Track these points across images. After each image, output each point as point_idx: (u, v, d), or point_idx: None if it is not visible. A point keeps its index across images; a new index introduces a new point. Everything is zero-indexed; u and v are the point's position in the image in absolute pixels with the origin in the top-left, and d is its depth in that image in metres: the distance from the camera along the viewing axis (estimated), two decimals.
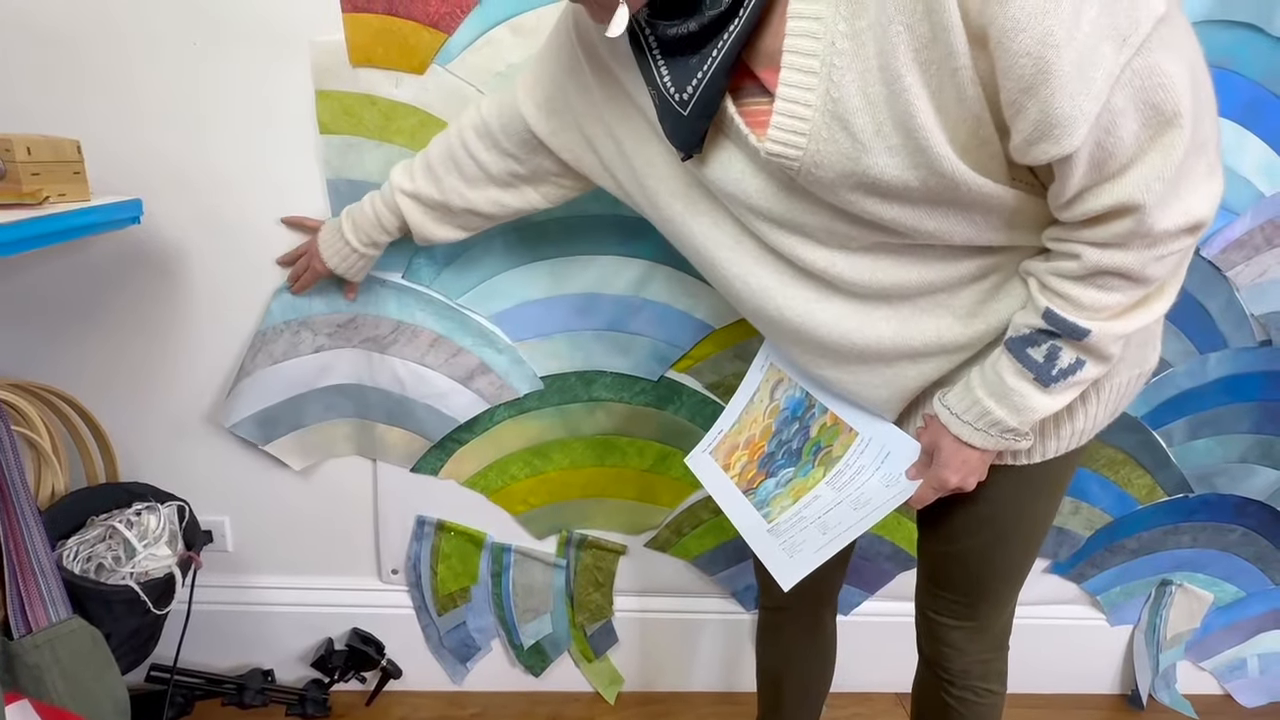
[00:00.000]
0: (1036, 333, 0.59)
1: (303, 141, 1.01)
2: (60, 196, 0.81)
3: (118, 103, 0.98)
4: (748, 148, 0.60)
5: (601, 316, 1.12)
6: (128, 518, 0.94)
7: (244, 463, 1.18)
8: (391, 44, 0.96)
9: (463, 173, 0.85)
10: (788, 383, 0.83)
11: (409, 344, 1.10)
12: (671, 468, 1.21)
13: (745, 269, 0.67)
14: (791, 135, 0.55)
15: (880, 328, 0.64)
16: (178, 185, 1.02)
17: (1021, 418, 0.61)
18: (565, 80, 0.75)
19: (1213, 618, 1.39)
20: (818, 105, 0.53)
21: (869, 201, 0.56)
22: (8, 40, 0.95)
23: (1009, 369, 0.61)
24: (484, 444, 1.19)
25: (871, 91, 0.51)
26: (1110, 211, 0.52)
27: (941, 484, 0.66)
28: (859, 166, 0.54)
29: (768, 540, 0.76)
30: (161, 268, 1.07)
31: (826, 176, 0.56)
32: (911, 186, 0.54)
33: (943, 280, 0.61)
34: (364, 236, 0.93)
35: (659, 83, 0.60)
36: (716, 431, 0.90)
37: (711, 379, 1.16)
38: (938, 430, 0.66)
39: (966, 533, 0.75)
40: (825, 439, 0.77)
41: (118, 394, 1.12)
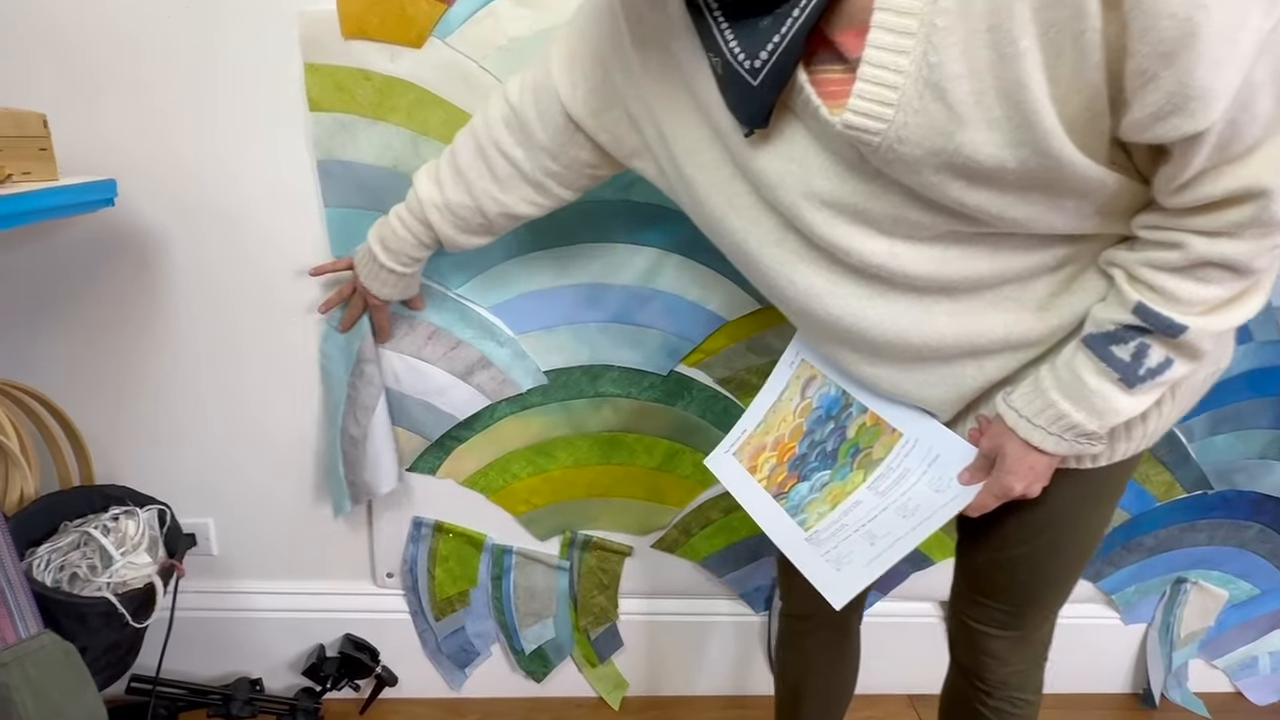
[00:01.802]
0: (1123, 329, 0.54)
1: (291, 119, 0.94)
2: (25, 175, 0.74)
3: (87, 77, 0.91)
4: (817, 122, 0.54)
5: (608, 308, 1.06)
6: (104, 523, 0.88)
7: (228, 462, 1.12)
8: (387, 14, 0.90)
9: (495, 174, 0.78)
10: (821, 379, 0.77)
11: (405, 337, 1.04)
12: (680, 466, 1.16)
13: (790, 268, 0.62)
14: (876, 106, 0.49)
15: (940, 324, 0.59)
16: (154, 166, 0.95)
17: (1102, 421, 0.57)
18: (606, 53, 0.68)
19: (1226, 615, 1.37)
20: (911, 71, 0.47)
21: (953, 185, 0.51)
22: None
23: (1089, 368, 0.56)
24: (484, 442, 1.13)
25: (976, 56, 0.46)
26: (1230, 197, 0.48)
27: (1006, 491, 0.61)
28: (951, 143, 0.48)
29: (807, 551, 0.70)
30: (137, 254, 1.00)
31: (910, 154, 0.50)
32: (1007, 168, 0.49)
33: (1015, 271, 0.56)
34: (402, 258, 0.87)
35: (724, 49, 0.54)
36: (740, 431, 0.84)
37: (723, 373, 1.11)
38: (1002, 434, 0.61)
39: (1019, 540, 0.70)
40: (864, 440, 0.71)
41: (91, 390, 1.05)
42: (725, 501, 1.18)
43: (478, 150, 0.78)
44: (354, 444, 1.06)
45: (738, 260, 0.69)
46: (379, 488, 1.09)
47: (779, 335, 1.09)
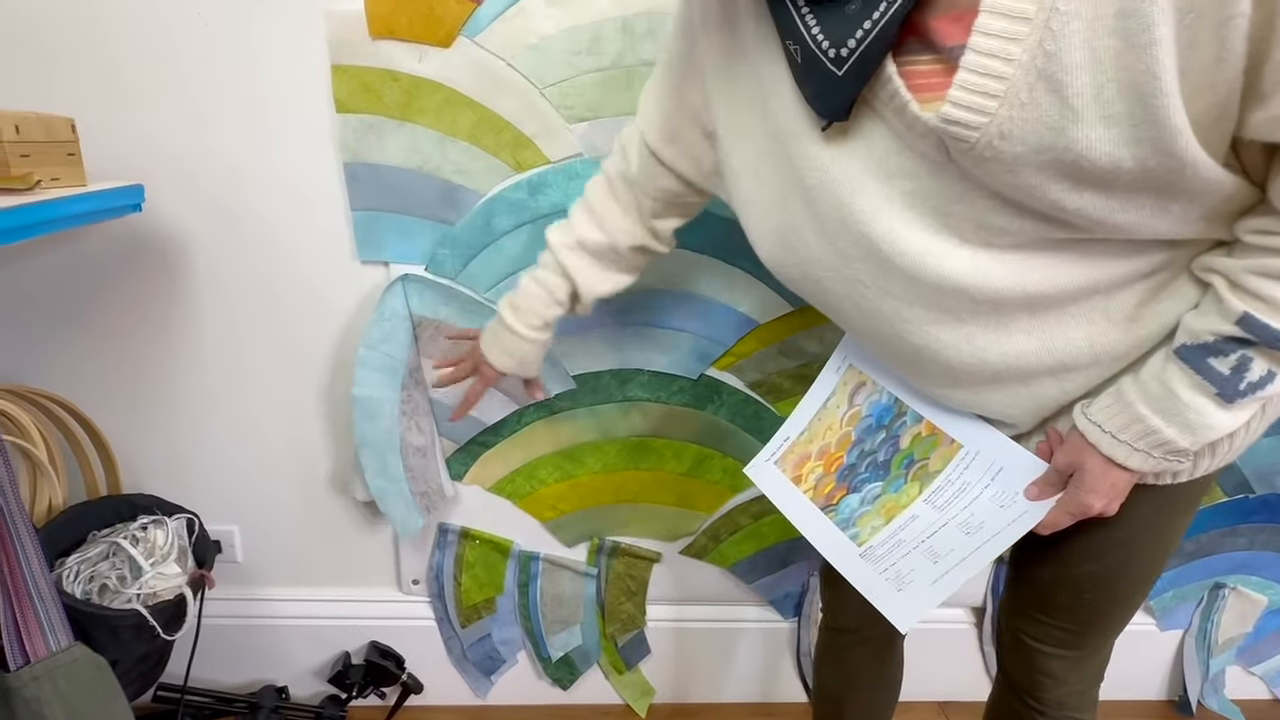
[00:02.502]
0: (1224, 340, 0.51)
1: (318, 121, 0.93)
2: (53, 181, 0.73)
3: (114, 81, 0.90)
4: (902, 118, 0.50)
5: (638, 311, 1.04)
6: (132, 533, 0.87)
7: (253, 469, 1.11)
8: (415, 14, 0.88)
9: (621, 205, 0.76)
10: (871, 386, 0.74)
11: (431, 341, 1.03)
12: (709, 471, 1.14)
13: (858, 292, 0.58)
14: (980, 98, 0.45)
15: (1020, 342, 0.55)
16: (181, 170, 0.94)
17: (1196, 437, 0.53)
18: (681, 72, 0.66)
19: (1265, 621, 1.34)
20: (1023, 61, 0.43)
21: (1055, 186, 0.46)
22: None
23: (1183, 381, 0.52)
24: (512, 447, 1.11)
25: (1101, 45, 0.42)
26: None
27: (1084, 510, 0.58)
28: (1062, 140, 0.44)
29: (862, 568, 0.67)
30: (164, 260, 0.98)
31: (1011, 152, 0.46)
32: (1122, 168, 0.45)
33: (1103, 281, 0.53)
34: (533, 319, 0.79)
35: (805, 36, 0.50)
36: (782, 438, 0.80)
37: (754, 377, 1.09)
38: (1081, 449, 0.58)
39: (1089, 557, 0.66)
40: (920, 451, 0.68)
41: (117, 398, 1.04)
42: (755, 507, 1.16)
43: (607, 186, 0.77)
44: (420, 454, 1.05)
45: (804, 290, 0.64)
46: (447, 490, 1.10)
47: (811, 338, 1.06)
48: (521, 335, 0.80)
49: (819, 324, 1.05)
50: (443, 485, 1.10)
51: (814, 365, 1.08)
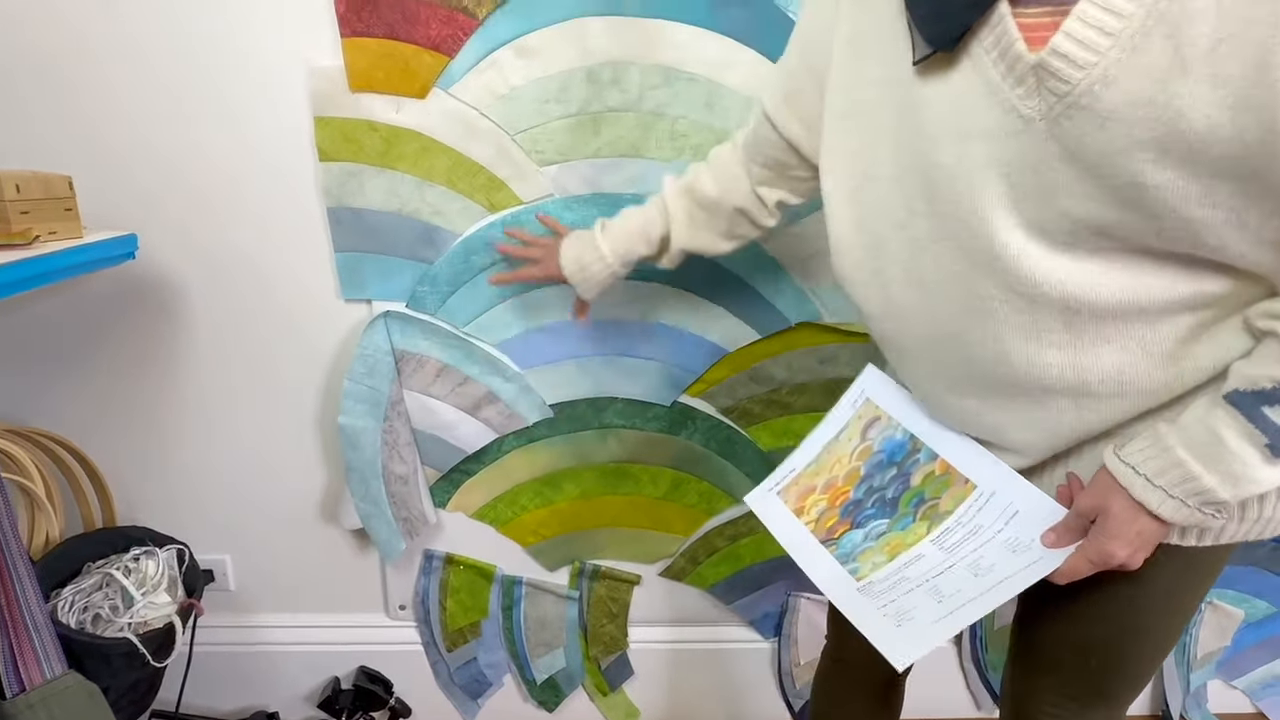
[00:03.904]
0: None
1: (302, 169, 0.98)
2: (51, 234, 0.78)
3: (110, 132, 0.96)
4: (1005, 57, 0.47)
5: (612, 342, 1.08)
6: (125, 564, 0.91)
7: (245, 499, 1.15)
8: (392, 68, 0.94)
9: (734, 167, 0.77)
10: (886, 421, 0.71)
11: (414, 374, 1.07)
12: (685, 495, 1.18)
13: (911, 255, 0.57)
14: (1095, 34, 0.43)
15: (1048, 355, 0.53)
16: (173, 217, 0.99)
17: (1237, 490, 0.50)
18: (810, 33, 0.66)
19: (1243, 634, 1.35)
20: (1143, 6, 0.42)
21: (1141, 155, 0.44)
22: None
23: (1233, 429, 0.49)
24: (493, 474, 1.15)
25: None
26: None
27: (1105, 559, 0.54)
28: (1164, 93, 0.42)
29: (860, 602, 0.63)
30: (158, 301, 1.04)
31: (1110, 102, 0.44)
32: (1218, 136, 0.42)
33: (1149, 305, 0.50)
34: (619, 246, 0.81)
35: None
36: (788, 469, 0.77)
37: (726, 403, 1.13)
38: (1109, 491, 0.54)
39: (1101, 618, 0.62)
40: (931, 490, 0.65)
41: (113, 433, 1.09)
42: (731, 530, 1.19)
43: (731, 148, 0.78)
44: (403, 481, 1.09)
45: (849, 267, 0.63)
46: (430, 517, 1.13)
47: (779, 365, 1.10)
48: (601, 254, 0.82)
49: (786, 351, 1.09)
50: (425, 511, 1.13)
51: (783, 390, 1.12)
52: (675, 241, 0.80)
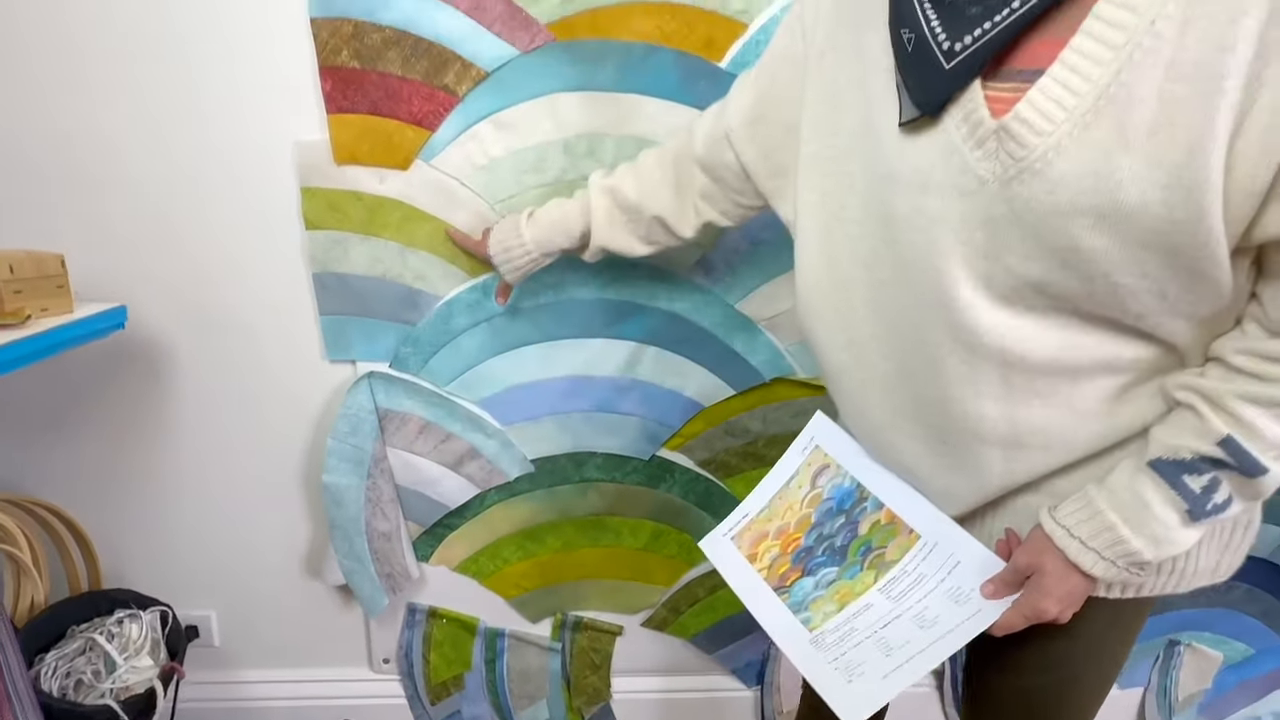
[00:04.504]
0: (1202, 460, 0.51)
1: (288, 237, 1.02)
2: (43, 311, 0.81)
3: (102, 202, 0.99)
4: (969, 121, 0.52)
5: (590, 398, 1.11)
6: (109, 628, 0.92)
7: (230, 555, 1.16)
8: (376, 142, 0.98)
9: (664, 174, 0.81)
10: (834, 469, 0.74)
11: (397, 432, 1.09)
12: (666, 546, 1.19)
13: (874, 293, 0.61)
14: (1053, 106, 0.48)
15: (985, 406, 0.56)
16: (162, 283, 1.03)
17: (1159, 551, 0.54)
18: (781, 57, 0.70)
19: (1224, 677, 1.36)
20: (1099, 84, 0.46)
21: (1080, 220, 0.48)
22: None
23: (1157, 495, 0.53)
24: (475, 528, 1.17)
25: (1169, 89, 0.45)
26: None
27: (1039, 614, 0.57)
28: (1107, 166, 0.47)
29: (812, 655, 0.65)
30: (146, 366, 1.06)
31: (1060, 170, 0.48)
32: (1149, 210, 0.47)
33: (1073, 361, 0.54)
34: (541, 235, 0.87)
35: (924, 26, 0.53)
36: (741, 514, 0.79)
37: (703, 456, 1.15)
38: (1043, 551, 0.57)
39: (1040, 667, 0.66)
40: (878, 539, 0.68)
41: (101, 492, 1.11)
42: (712, 580, 1.21)
43: (658, 156, 0.82)
44: (386, 538, 1.11)
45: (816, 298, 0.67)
46: (413, 573, 1.15)
47: (754, 418, 1.13)
48: (523, 241, 0.87)
49: (761, 405, 1.12)
50: (408, 567, 1.15)
51: (758, 443, 1.14)
52: (595, 238, 0.85)
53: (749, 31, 0.94)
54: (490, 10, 0.93)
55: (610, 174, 0.86)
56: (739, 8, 0.94)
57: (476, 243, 0.96)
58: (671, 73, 0.96)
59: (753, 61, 0.79)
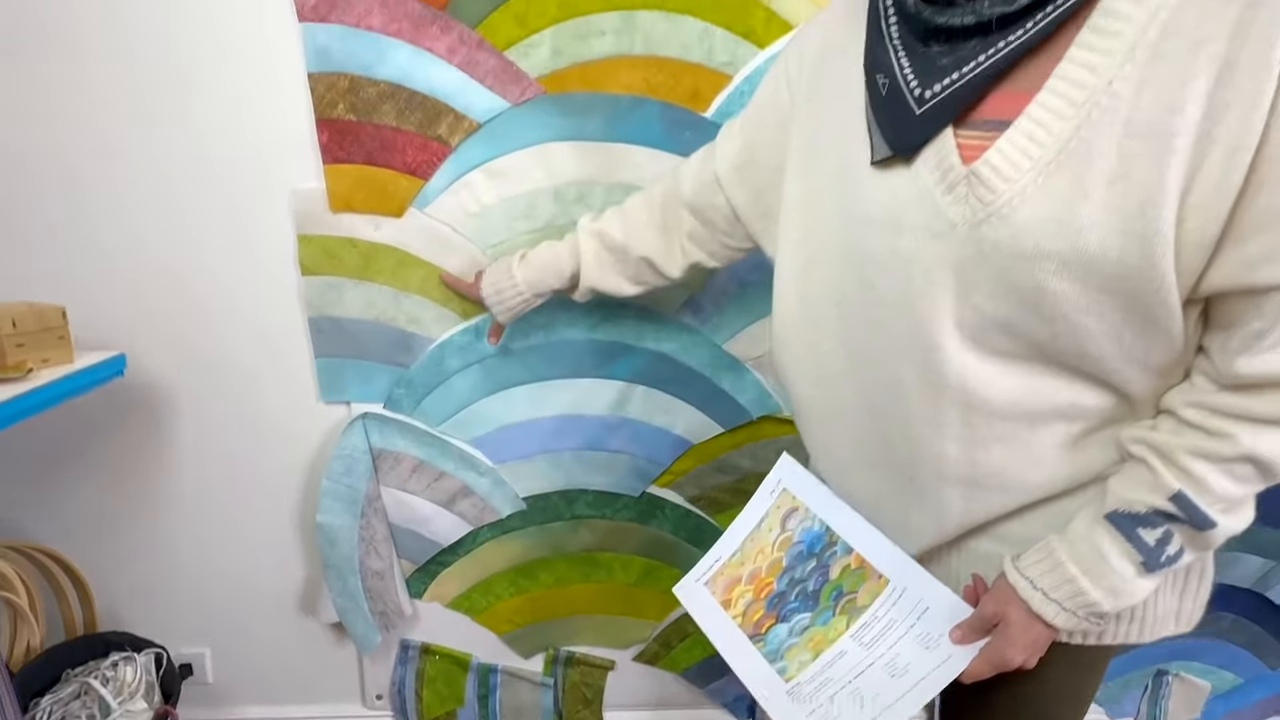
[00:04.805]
0: (1155, 513, 0.53)
1: (285, 282, 1.04)
2: (44, 362, 0.83)
3: (102, 250, 1.01)
4: (941, 165, 0.55)
5: (581, 436, 1.13)
6: (103, 672, 0.93)
7: (224, 593, 1.17)
8: (370, 191, 1.00)
9: (650, 216, 0.84)
10: (803, 512, 0.74)
11: (390, 471, 1.11)
12: (657, 581, 1.20)
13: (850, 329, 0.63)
14: (1018, 156, 0.51)
15: (947, 446, 0.58)
16: (161, 328, 1.05)
17: (1118, 601, 0.55)
18: (768, 104, 0.73)
19: (1213, 706, 1.37)
20: (1061, 137, 0.50)
21: (1044, 264, 0.51)
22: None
23: (1114, 548, 0.55)
24: (468, 565, 1.18)
25: (1126, 145, 0.48)
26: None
27: (1005, 662, 0.59)
28: (1069, 214, 0.49)
29: (789, 709, 0.65)
30: (144, 409, 1.08)
31: (1022, 217, 0.51)
32: (1108, 257, 0.49)
33: (1032, 406, 0.56)
34: (532, 277, 0.90)
35: (896, 72, 0.56)
36: (713, 559, 0.79)
37: (693, 492, 1.17)
38: (1008, 600, 0.59)
39: (1010, 711, 0.67)
40: (849, 583, 0.68)
41: (97, 532, 1.12)
42: None
43: (645, 200, 0.86)
44: (379, 576, 1.13)
45: (790, 333, 0.69)
46: (406, 610, 1.16)
47: (743, 455, 1.15)
48: (515, 283, 0.91)
49: (749, 442, 1.14)
50: (401, 605, 1.16)
51: (748, 479, 1.16)
52: (584, 279, 0.88)
53: (733, 83, 0.97)
54: (482, 65, 0.96)
55: (598, 217, 0.89)
56: (723, 60, 0.97)
57: (469, 285, 0.98)
58: (658, 123, 0.99)
59: (737, 111, 0.82)
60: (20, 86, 0.95)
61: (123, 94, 0.96)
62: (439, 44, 0.95)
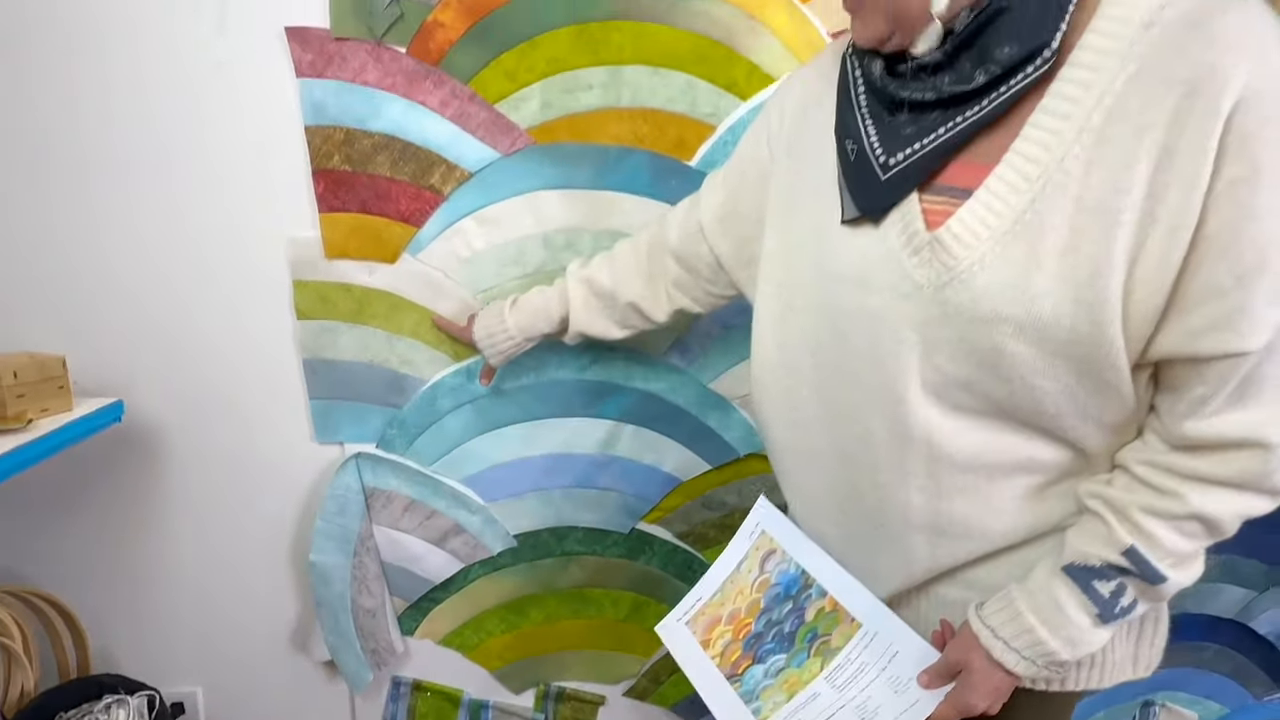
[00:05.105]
0: (1109, 567, 0.56)
1: (281, 327, 1.06)
2: (43, 412, 0.85)
3: (102, 296, 1.04)
4: (907, 230, 0.57)
5: (571, 474, 1.15)
6: (96, 715, 0.94)
7: (218, 632, 1.18)
8: (365, 238, 1.03)
9: (638, 264, 0.87)
10: (780, 555, 0.76)
11: (383, 510, 1.13)
12: (646, 617, 1.22)
13: (822, 377, 0.65)
14: (978, 226, 0.54)
15: (912, 495, 0.61)
16: (159, 372, 1.07)
17: (1075, 651, 0.58)
18: (749, 158, 0.76)
19: None
20: (1018, 209, 0.53)
21: (1002, 327, 0.53)
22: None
23: (1071, 600, 0.57)
24: (459, 602, 1.20)
25: (1077, 220, 0.51)
26: (1238, 442, 0.52)
27: (968, 709, 0.60)
28: (1025, 281, 0.52)
29: None
30: (140, 451, 1.10)
31: (984, 281, 0.54)
32: (1060, 324, 0.52)
33: (993, 459, 0.58)
34: (523, 322, 0.93)
35: (863, 139, 0.59)
36: (694, 598, 0.82)
37: (682, 529, 1.19)
38: (971, 648, 0.61)
39: None
40: (823, 626, 0.70)
41: (92, 575, 1.13)
42: None
43: (632, 247, 0.89)
44: (370, 615, 1.14)
45: (768, 377, 0.71)
46: (397, 647, 1.17)
47: (730, 491, 1.17)
48: (506, 328, 0.93)
49: (736, 479, 1.16)
50: (393, 643, 1.17)
51: (734, 515, 1.18)
52: (573, 324, 0.91)
53: (717, 132, 1.01)
54: (474, 117, 1.00)
55: (587, 264, 0.92)
56: (707, 111, 1.00)
57: (461, 329, 1.01)
58: (645, 172, 1.02)
59: (721, 160, 0.86)
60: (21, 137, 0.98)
61: (128, 145, 0.99)
62: (432, 98, 0.99)
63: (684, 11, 0.96)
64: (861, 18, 0.58)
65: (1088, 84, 0.51)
